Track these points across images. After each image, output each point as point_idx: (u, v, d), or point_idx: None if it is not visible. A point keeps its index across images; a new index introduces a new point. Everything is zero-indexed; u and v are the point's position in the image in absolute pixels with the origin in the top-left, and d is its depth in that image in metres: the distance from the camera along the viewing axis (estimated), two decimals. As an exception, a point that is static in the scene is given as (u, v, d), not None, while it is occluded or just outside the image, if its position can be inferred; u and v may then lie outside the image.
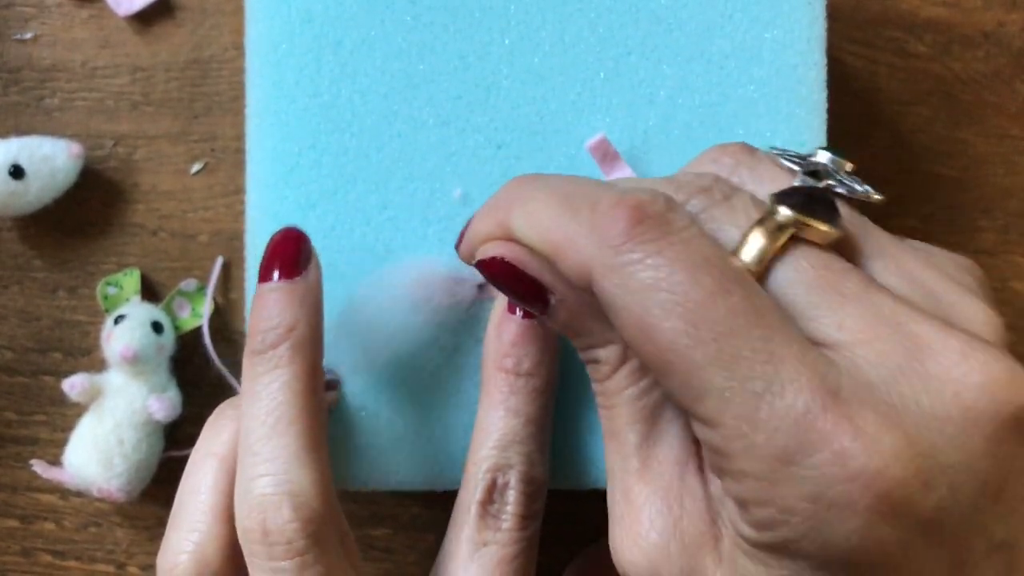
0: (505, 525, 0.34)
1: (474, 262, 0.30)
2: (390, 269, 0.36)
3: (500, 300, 0.36)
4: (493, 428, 0.34)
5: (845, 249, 0.27)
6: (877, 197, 0.29)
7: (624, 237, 0.25)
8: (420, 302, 0.35)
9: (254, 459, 0.31)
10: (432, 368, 0.36)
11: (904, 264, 0.27)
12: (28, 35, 0.45)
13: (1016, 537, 0.24)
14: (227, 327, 0.45)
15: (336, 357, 0.36)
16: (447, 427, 0.36)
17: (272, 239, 0.34)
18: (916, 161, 0.46)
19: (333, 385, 0.36)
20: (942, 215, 0.46)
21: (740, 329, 0.24)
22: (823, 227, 0.26)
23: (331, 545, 0.31)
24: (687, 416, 0.27)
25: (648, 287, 0.25)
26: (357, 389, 0.36)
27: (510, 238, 0.29)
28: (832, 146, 0.36)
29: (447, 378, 0.36)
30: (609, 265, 0.26)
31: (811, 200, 0.27)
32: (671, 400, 0.28)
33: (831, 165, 0.29)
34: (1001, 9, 0.46)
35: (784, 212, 0.26)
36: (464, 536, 0.34)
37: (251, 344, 0.32)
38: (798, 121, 0.36)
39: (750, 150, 0.30)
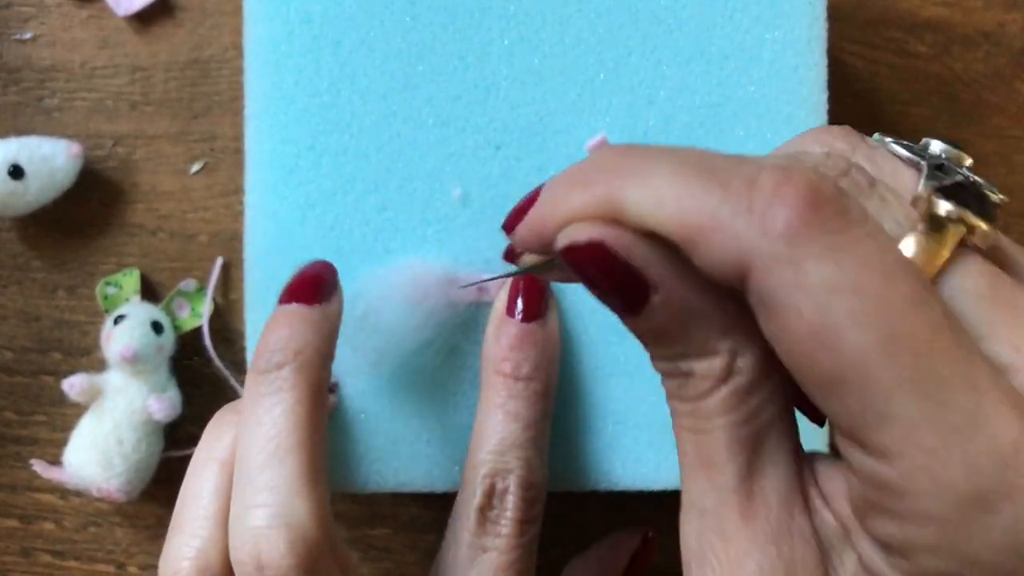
0: (504, 531, 0.33)
1: (560, 246, 0.24)
2: (386, 270, 0.36)
3: (499, 302, 0.35)
4: (492, 432, 0.34)
5: (996, 256, 0.24)
6: (1002, 197, 0.25)
7: (800, 225, 0.21)
8: (416, 303, 0.35)
9: (250, 487, 0.30)
10: (431, 370, 0.36)
11: None
12: (28, 35, 0.45)
13: None
14: (227, 327, 0.45)
15: (335, 359, 0.36)
16: (446, 428, 0.36)
17: (301, 266, 0.34)
18: (916, 161, 0.46)
19: (332, 388, 0.36)
20: (942, 215, 0.46)
21: (938, 347, 0.21)
22: (985, 226, 0.23)
23: (328, 569, 0.30)
24: (846, 443, 0.23)
25: (832, 287, 0.21)
26: (356, 391, 0.36)
27: (615, 218, 0.23)
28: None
29: (446, 380, 0.36)
30: (779, 257, 0.21)
31: (968, 194, 0.23)
32: (835, 425, 0.23)
33: (948, 156, 0.26)
34: (1001, 9, 0.46)
35: (945, 206, 0.23)
36: (463, 541, 0.34)
37: (256, 363, 0.32)
38: (798, 121, 0.36)
39: (859, 135, 0.27)
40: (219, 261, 0.45)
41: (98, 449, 0.42)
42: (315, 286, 0.33)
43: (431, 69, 0.36)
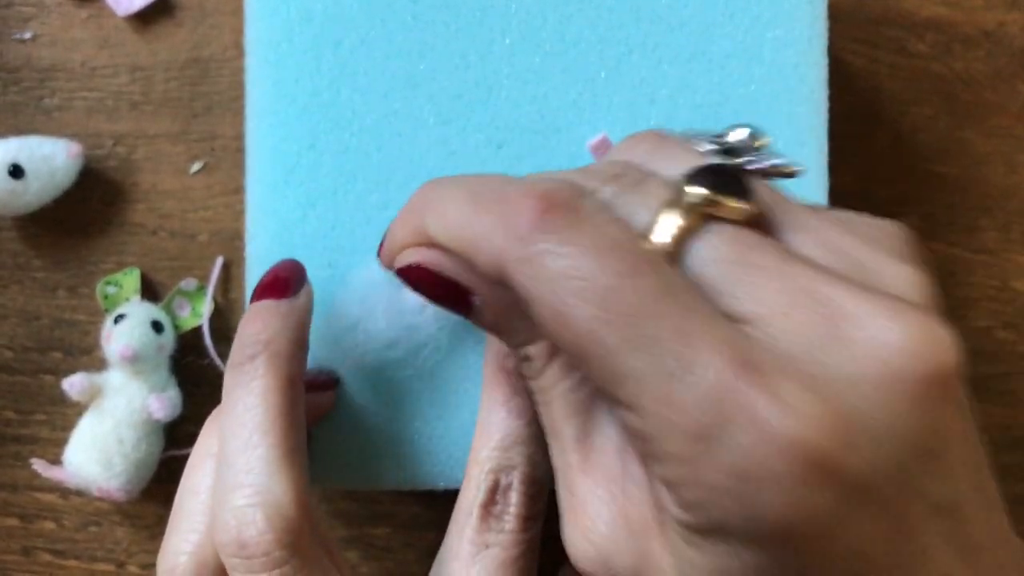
0: (507, 527, 0.34)
1: (395, 269, 0.30)
2: (378, 268, 0.36)
3: None
4: (495, 429, 0.34)
5: (761, 224, 0.26)
6: (795, 168, 0.28)
7: (532, 227, 0.25)
8: (417, 300, 0.35)
9: (229, 470, 0.31)
10: (432, 367, 0.36)
11: (824, 234, 0.26)
12: (27, 35, 0.45)
13: (959, 499, 0.24)
14: (227, 326, 0.45)
15: (334, 356, 0.36)
16: (447, 426, 0.36)
17: (268, 270, 0.35)
18: (917, 160, 0.46)
19: (331, 384, 0.36)
20: (943, 214, 0.46)
21: (652, 310, 0.24)
22: (734, 203, 0.26)
23: (312, 554, 0.30)
24: (610, 403, 0.26)
25: (559, 275, 0.24)
26: (356, 388, 0.36)
27: (427, 242, 0.29)
28: (832, 147, 0.37)
29: (447, 377, 0.36)
30: (520, 257, 0.25)
31: (721, 178, 0.26)
32: (597, 390, 0.27)
33: (745, 141, 0.29)
34: (1002, 8, 0.46)
35: (693, 191, 0.26)
36: (465, 537, 0.34)
37: (232, 359, 0.32)
38: (799, 120, 0.36)
39: (662, 136, 0.30)
40: (219, 260, 0.45)
41: (98, 448, 0.42)
42: (282, 283, 0.34)
43: (432, 68, 0.36)
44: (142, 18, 0.45)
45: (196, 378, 0.45)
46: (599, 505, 0.27)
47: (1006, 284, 0.46)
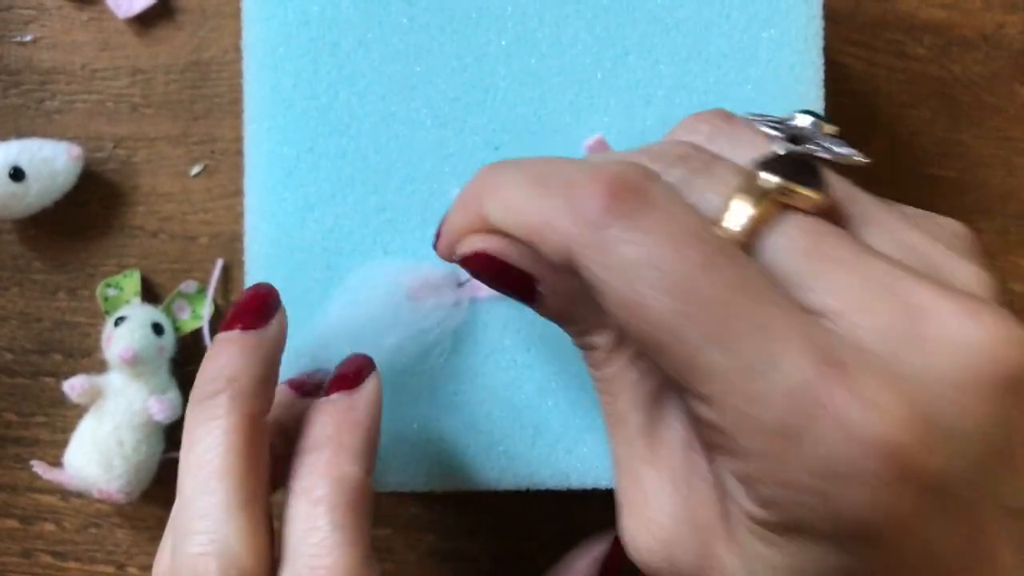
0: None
1: (456, 259, 0.29)
2: (383, 270, 0.36)
3: None
4: None
5: (833, 215, 0.26)
6: (861, 159, 0.27)
7: (602, 212, 0.24)
8: (415, 304, 0.35)
9: (186, 513, 0.29)
10: (430, 369, 0.36)
11: (894, 229, 0.26)
12: (28, 37, 0.46)
13: None
14: (227, 329, 0.45)
15: (331, 358, 0.36)
16: (445, 428, 0.36)
17: (241, 293, 0.33)
18: (915, 163, 0.46)
19: (320, 387, 0.36)
20: (941, 216, 0.46)
21: (732, 303, 0.23)
22: (808, 193, 0.25)
23: None
24: (684, 395, 0.25)
25: (632, 263, 0.24)
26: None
27: (488, 229, 0.28)
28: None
29: (445, 379, 0.36)
30: (589, 243, 0.24)
31: (794, 165, 0.26)
32: (671, 381, 0.26)
33: (812, 128, 0.28)
34: (1000, 11, 0.46)
35: (767, 178, 0.25)
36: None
37: (194, 393, 0.31)
38: (795, 121, 0.36)
39: (727, 116, 0.29)
40: (219, 263, 0.45)
41: (98, 450, 0.42)
42: (253, 311, 0.32)
43: (429, 70, 0.36)
44: (142, 21, 0.45)
45: (196, 380, 0.45)
46: (664, 498, 0.27)
47: (1005, 286, 0.46)
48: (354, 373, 0.32)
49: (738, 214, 0.25)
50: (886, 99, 0.46)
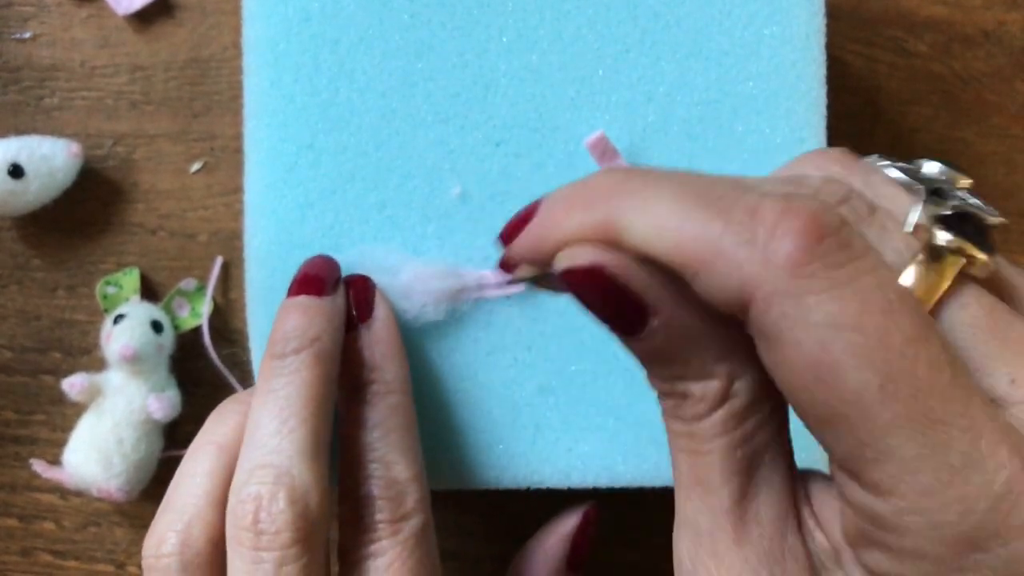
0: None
1: (557, 269, 0.24)
2: (383, 270, 0.36)
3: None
4: None
5: (994, 286, 0.24)
6: (1001, 219, 0.24)
7: (803, 257, 0.21)
8: (415, 303, 0.35)
9: (260, 451, 0.31)
10: (431, 368, 0.36)
11: None
12: (27, 34, 0.45)
13: None
14: (226, 326, 0.45)
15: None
16: (445, 427, 0.36)
17: (305, 262, 0.35)
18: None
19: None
20: (943, 214, 0.46)
21: (939, 387, 0.20)
22: (984, 257, 0.23)
23: (317, 548, 0.30)
24: (840, 473, 0.23)
25: (834, 324, 0.21)
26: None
27: (613, 241, 0.23)
28: (830, 145, 0.37)
29: (446, 378, 0.36)
30: (781, 290, 0.21)
31: (968, 224, 0.23)
32: (832, 457, 0.23)
33: (946, 179, 0.25)
34: (1001, 8, 0.46)
35: (944, 237, 0.22)
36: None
37: (272, 349, 0.32)
38: (797, 117, 0.36)
39: (855, 158, 0.26)
40: (219, 260, 0.45)
41: (98, 449, 0.42)
42: (322, 279, 0.34)
43: (430, 67, 0.36)
44: (142, 18, 0.45)
45: (195, 378, 0.45)
46: None
47: (1006, 284, 0.46)
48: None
49: (918, 277, 0.22)
50: (887, 96, 0.46)
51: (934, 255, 0.22)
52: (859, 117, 0.46)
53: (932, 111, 0.46)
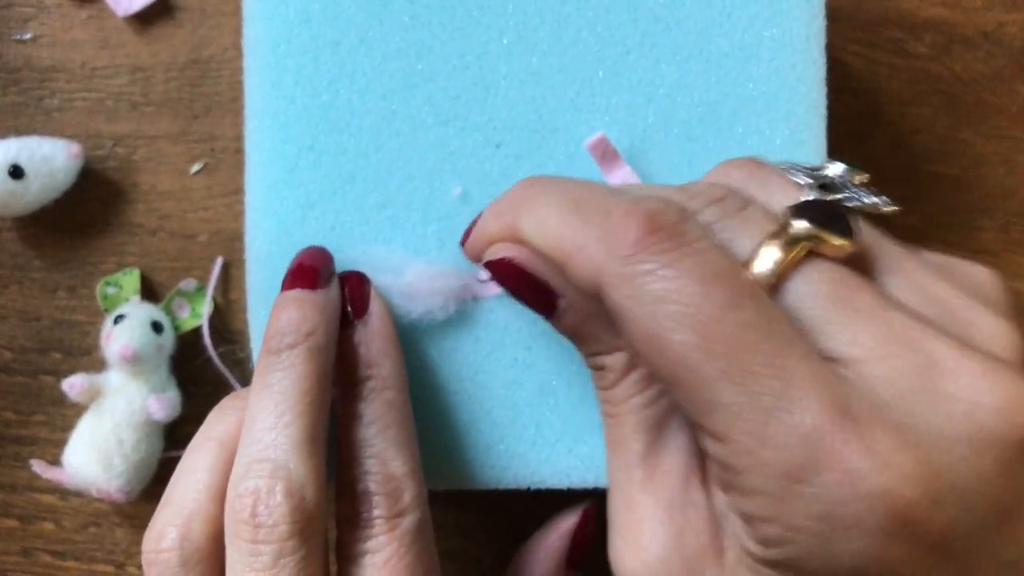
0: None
1: (482, 262, 0.31)
2: (383, 270, 0.36)
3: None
4: None
5: (859, 264, 0.27)
6: (890, 208, 0.28)
7: (636, 246, 0.25)
8: (415, 302, 0.35)
9: (257, 446, 0.31)
10: (432, 368, 0.36)
11: (919, 279, 0.27)
12: (27, 35, 0.45)
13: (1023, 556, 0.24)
14: (227, 327, 0.45)
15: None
16: (445, 427, 0.36)
17: (298, 255, 0.35)
18: (917, 161, 0.46)
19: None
20: (942, 215, 0.46)
21: (751, 343, 0.24)
22: (838, 241, 0.26)
23: (314, 541, 0.31)
24: (695, 428, 0.26)
25: (659, 298, 0.25)
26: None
27: (519, 240, 0.29)
28: (830, 147, 0.37)
29: (447, 378, 0.36)
30: (620, 274, 0.25)
31: (825, 213, 0.26)
32: (680, 411, 0.28)
33: (843, 177, 0.29)
34: (1001, 9, 0.46)
35: (798, 225, 0.26)
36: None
37: (268, 344, 0.33)
38: (797, 119, 0.36)
39: (759, 164, 0.30)
40: (219, 261, 0.45)
41: (98, 449, 0.42)
42: (316, 269, 0.34)
43: (430, 68, 0.36)
44: (142, 19, 0.45)
45: (195, 379, 0.45)
46: (657, 525, 0.27)
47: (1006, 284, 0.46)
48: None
49: (767, 258, 0.26)
50: (887, 97, 0.46)
51: (789, 240, 0.26)
52: (859, 118, 0.46)
53: (932, 112, 0.46)
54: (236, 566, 0.30)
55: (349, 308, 0.34)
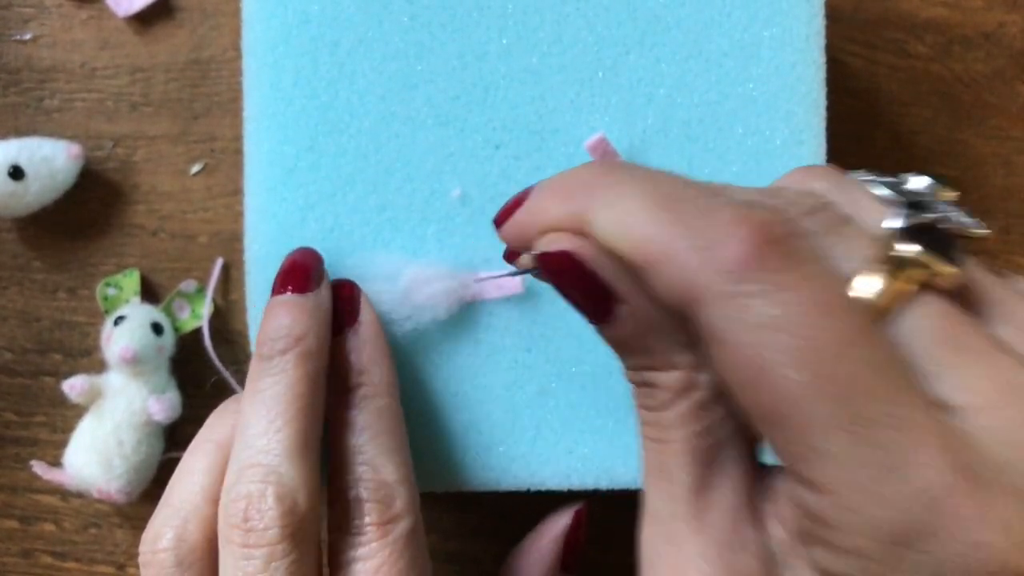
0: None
1: (534, 252, 0.26)
2: (383, 271, 0.36)
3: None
4: None
5: (964, 298, 0.24)
6: (985, 231, 0.25)
7: (747, 263, 0.22)
8: (415, 303, 0.35)
9: (249, 451, 0.31)
10: (431, 370, 0.36)
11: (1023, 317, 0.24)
12: (27, 36, 0.45)
13: None
14: (226, 328, 0.45)
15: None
16: (445, 428, 0.36)
17: (288, 257, 0.35)
18: (916, 162, 0.46)
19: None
20: (943, 215, 0.46)
21: (869, 387, 0.21)
22: (949, 270, 0.23)
23: (306, 545, 0.31)
24: (787, 473, 0.23)
25: (770, 326, 0.22)
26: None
27: (584, 232, 0.25)
28: (830, 147, 0.37)
29: (446, 380, 0.36)
30: (722, 292, 0.22)
31: (933, 238, 0.23)
32: (776, 455, 0.24)
33: (929, 192, 0.26)
34: (1001, 10, 0.46)
35: (906, 250, 0.23)
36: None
37: (260, 350, 0.33)
38: (797, 119, 0.36)
39: (840, 174, 0.27)
40: (219, 262, 0.45)
41: (98, 450, 0.42)
42: (308, 269, 0.34)
43: (430, 69, 0.36)
44: (142, 19, 0.45)
45: (196, 380, 0.45)
46: (704, 565, 0.24)
47: (1006, 285, 0.46)
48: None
49: (868, 286, 0.23)
50: (887, 98, 0.46)
51: (896, 266, 0.23)
52: (859, 119, 0.46)
53: (932, 113, 0.46)
54: (228, 569, 0.30)
55: (341, 316, 0.34)
